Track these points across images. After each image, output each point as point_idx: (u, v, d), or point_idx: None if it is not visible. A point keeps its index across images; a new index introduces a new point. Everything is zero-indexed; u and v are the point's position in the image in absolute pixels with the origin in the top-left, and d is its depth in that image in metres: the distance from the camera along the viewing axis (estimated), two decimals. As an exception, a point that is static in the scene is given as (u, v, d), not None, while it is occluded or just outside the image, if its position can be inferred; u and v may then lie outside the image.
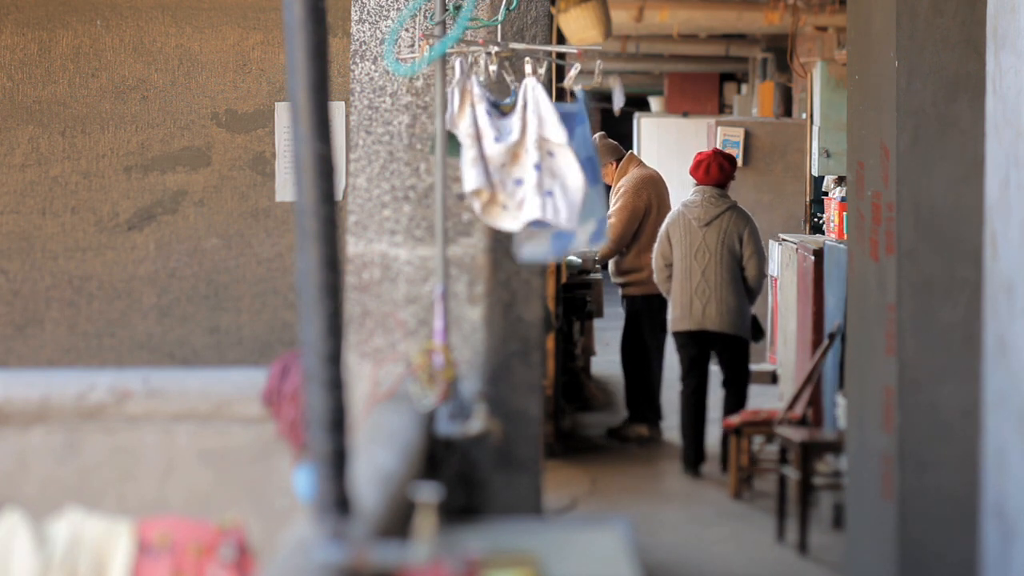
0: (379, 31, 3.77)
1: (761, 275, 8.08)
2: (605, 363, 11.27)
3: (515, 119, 3.31)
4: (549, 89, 3.38)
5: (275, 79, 5.56)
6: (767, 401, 9.51)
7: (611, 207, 8.83)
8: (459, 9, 3.37)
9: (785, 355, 9.72)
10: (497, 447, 3.55)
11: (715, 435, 8.27)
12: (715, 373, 8.29)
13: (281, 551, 2.22)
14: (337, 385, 2.14)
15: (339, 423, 2.14)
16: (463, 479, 3.50)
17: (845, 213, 8.30)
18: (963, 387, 4.61)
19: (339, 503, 2.13)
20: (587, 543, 2.85)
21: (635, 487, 7.78)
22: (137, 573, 2.55)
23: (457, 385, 3.29)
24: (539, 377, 3.77)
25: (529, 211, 3.27)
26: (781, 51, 13.47)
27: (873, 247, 4.96)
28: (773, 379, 10.47)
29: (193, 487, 3.47)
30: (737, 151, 11.81)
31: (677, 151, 14.32)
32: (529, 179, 3.27)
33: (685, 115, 15.65)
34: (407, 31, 3.68)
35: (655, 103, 19.08)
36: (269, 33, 5.55)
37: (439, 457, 3.27)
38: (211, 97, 5.58)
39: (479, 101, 3.33)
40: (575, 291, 9.49)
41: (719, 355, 8.12)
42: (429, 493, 2.16)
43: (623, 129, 16.29)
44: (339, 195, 3.02)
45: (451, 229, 3.65)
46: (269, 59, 5.56)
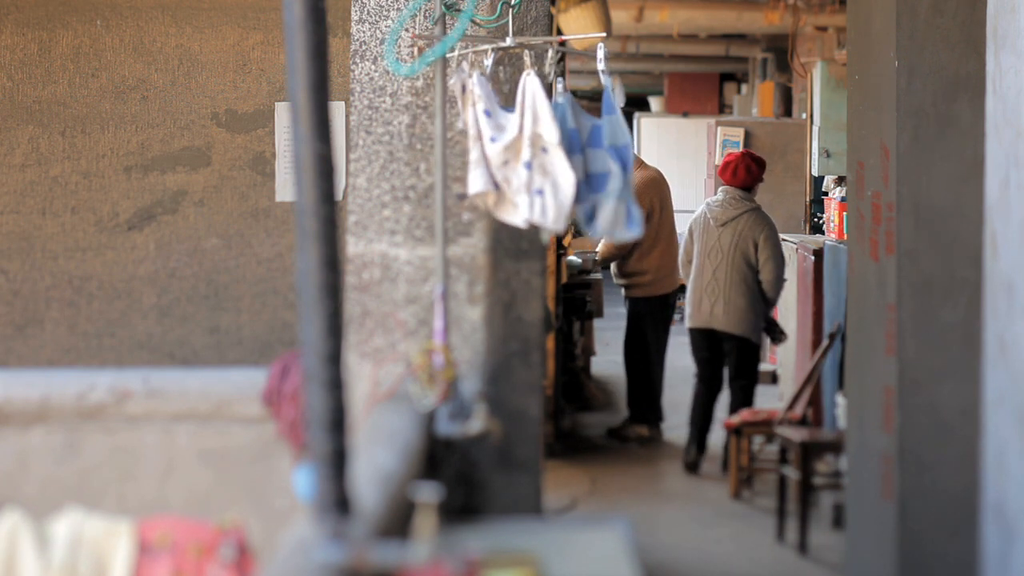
0: (379, 31, 3.77)
1: (777, 280, 8.06)
2: (605, 363, 11.27)
3: (515, 116, 3.31)
4: (548, 89, 3.37)
5: (275, 79, 5.56)
6: (767, 401, 9.51)
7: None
8: (450, 8, 3.37)
9: (785, 355, 9.72)
10: (497, 447, 3.55)
11: (719, 436, 8.28)
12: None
13: (281, 551, 2.22)
14: (337, 385, 2.14)
15: (339, 423, 2.14)
16: (463, 479, 3.50)
17: (845, 213, 8.31)
18: (963, 387, 4.61)
19: (339, 503, 2.13)
20: (587, 543, 2.85)
21: (635, 487, 7.78)
22: (137, 573, 2.55)
23: (457, 385, 3.29)
24: (539, 377, 3.76)
25: (518, 210, 3.26)
26: (781, 51, 13.49)
27: (873, 247, 4.96)
28: (773, 379, 10.48)
29: (193, 487, 3.47)
30: (737, 151, 11.80)
31: (677, 151, 14.32)
32: (518, 178, 3.26)
33: (685, 115, 15.65)
34: (407, 31, 3.68)
35: (655, 103, 19.07)
36: (269, 33, 5.55)
37: (439, 457, 3.27)
38: (211, 97, 5.58)
39: (479, 101, 3.32)
40: (575, 291, 9.50)
41: (727, 355, 8.14)
42: (429, 493, 2.16)
43: (623, 129, 16.26)
44: (339, 195, 3.02)
45: (451, 229, 3.64)
46: (269, 59, 5.56)
